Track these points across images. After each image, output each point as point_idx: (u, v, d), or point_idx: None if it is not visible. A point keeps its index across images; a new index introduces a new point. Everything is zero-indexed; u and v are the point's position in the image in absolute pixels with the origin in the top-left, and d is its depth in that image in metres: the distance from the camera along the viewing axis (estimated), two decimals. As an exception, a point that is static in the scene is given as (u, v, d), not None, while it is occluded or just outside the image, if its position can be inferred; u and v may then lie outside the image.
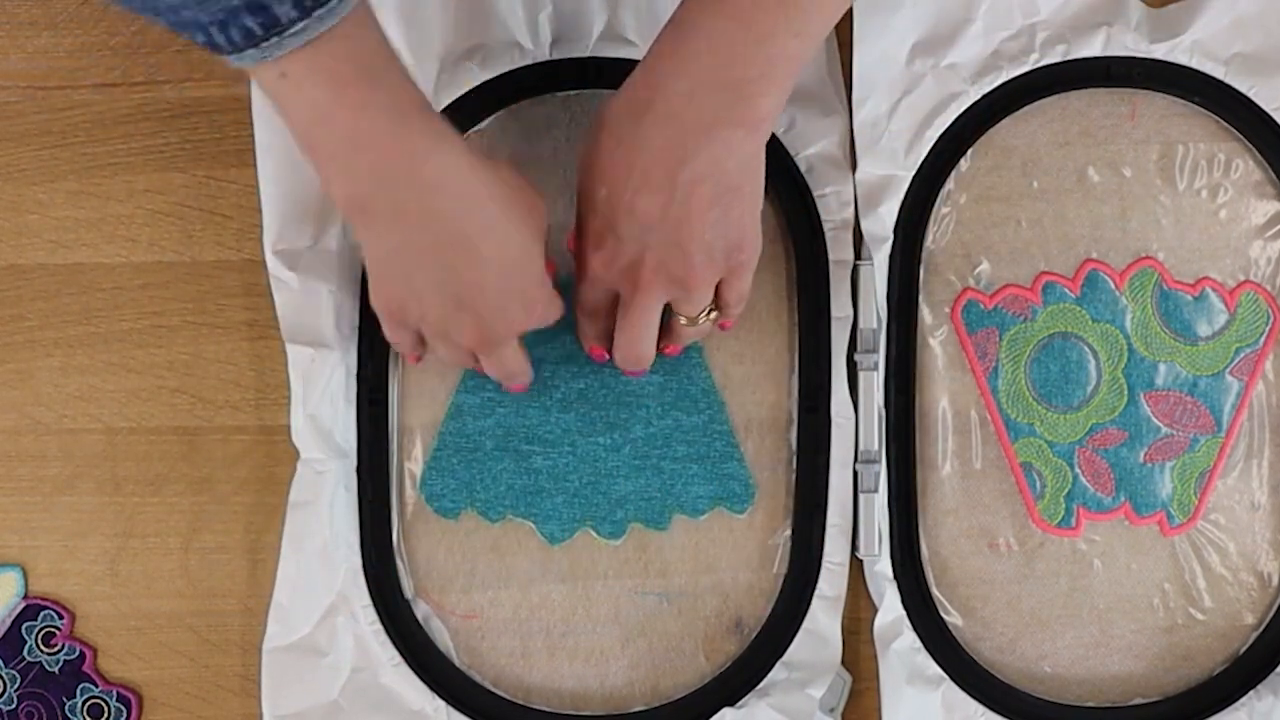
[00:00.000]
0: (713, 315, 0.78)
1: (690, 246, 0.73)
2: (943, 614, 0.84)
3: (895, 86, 0.83)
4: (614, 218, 0.73)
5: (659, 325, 0.78)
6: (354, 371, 0.84)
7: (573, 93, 0.84)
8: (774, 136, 0.83)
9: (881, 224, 0.84)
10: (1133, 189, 0.85)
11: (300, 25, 0.64)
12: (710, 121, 0.70)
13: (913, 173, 0.84)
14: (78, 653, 0.85)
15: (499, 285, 0.73)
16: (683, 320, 0.78)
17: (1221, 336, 0.85)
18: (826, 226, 0.84)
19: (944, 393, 0.85)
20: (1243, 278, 0.85)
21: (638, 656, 0.85)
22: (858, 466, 0.84)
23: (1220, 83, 0.84)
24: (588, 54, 0.83)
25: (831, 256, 0.84)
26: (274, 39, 0.64)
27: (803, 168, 0.84)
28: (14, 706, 0.85)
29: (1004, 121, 0.84)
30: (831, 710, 0.84)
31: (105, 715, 0.85)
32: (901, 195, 0.84)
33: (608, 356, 0.81)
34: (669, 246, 0.73)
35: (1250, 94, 0.84)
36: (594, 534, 0.85)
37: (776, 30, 0.68)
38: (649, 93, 0.71)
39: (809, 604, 0.83)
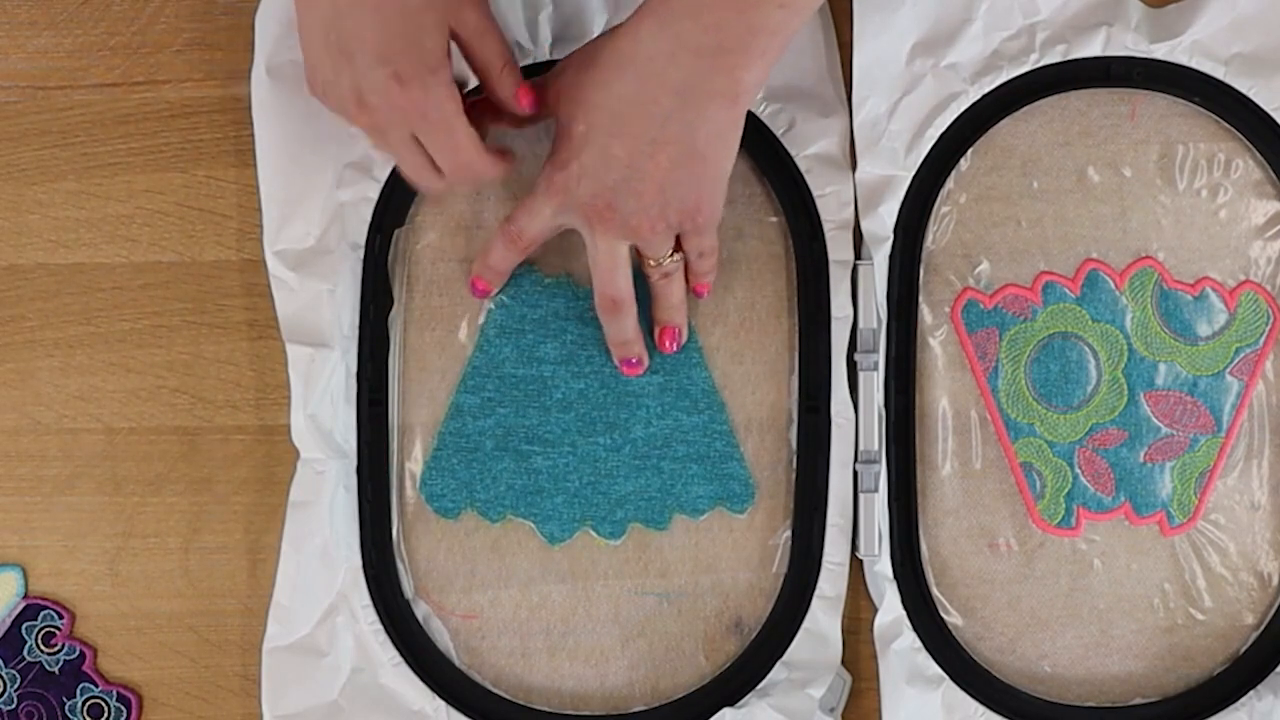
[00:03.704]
0: (676, 258, 0.80)
1: (646, 199, 0.74)
2: (943, 614, 0.84)
3: (895, 86, 0.83)
4: (586, 150, 0.74)
5: (631, 273, 0.79)
6: (354, 371, 0.84)
7: (573, 93, 0.84)
8: (774, 136, 0.83)
9: (881, 224, 0.84)
10: (1133, 189, 0.85)
11: None
12: (688, 86, 0.71)
13: (913, 173, 0.84)
14: (78, 653, 0.85)
15: (375, 41, 0.71)
16: (651, 263, 0.79)
17: (1221, 336, 0.85)
18: (826, 226, 0.84)
19: (944, 393, 0.85)
20: (1243, 278, 0.85)
21: (638, 656, 0.85)
22: (858, 466, 0.84)
23: (1220, 83, 0.84)
24: (588, 54, 0.83)
25: (831, 256, 0.84)
26: None
27: (803, 168, 0.84)
28: (14, 706, 0.85)
29: (1004, 121, 0.84)
30: (831, 710, 0.84)
31: (105, 715, 0.85)
32: (901, 195, 0.84)
33: (485, 291, 0.83)
34: (627, 195, 0.74)
35: (1250, 94, 0.84)
36: (594, 534, 0.85)
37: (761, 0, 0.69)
38: (633, 47, 0.72)
39: (809, 604, 0.83)
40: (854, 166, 0.84)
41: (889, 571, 0.83)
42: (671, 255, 0.80)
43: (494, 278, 0.83)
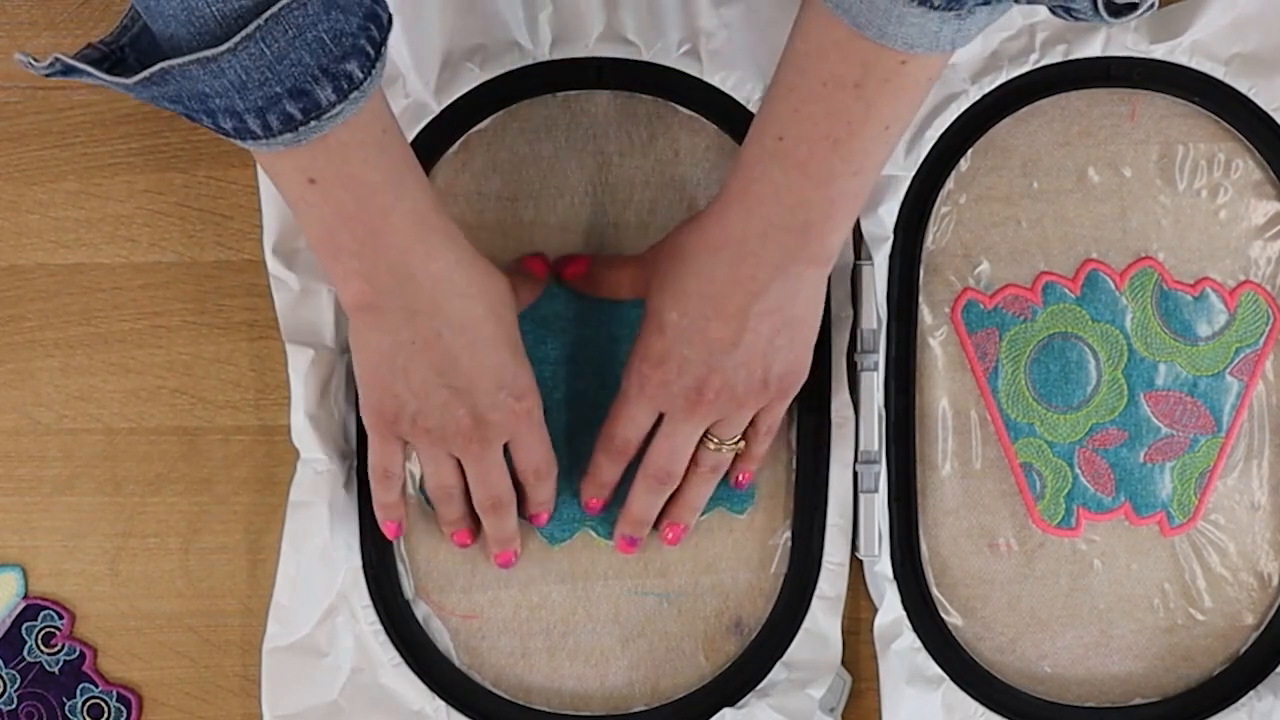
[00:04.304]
0: (739, 444, 0.80)
1: (756, 369, 0.75)
2: (943, 614, 0.84)
3: (895, 86, 0.83)
4: (684, 341, 0.75)
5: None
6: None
7: (573, 93, 0.84)
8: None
9: (881, 224, 0.84)
10: (1133, 189, 0.85)
11: (337, 109, 0.65)
12: (781, 260, 0.72)
13: (913, 173, 0.84)
14: (78, 653, 0.85)
15: (495, 370, 0.75)
16: (711, 445, 0.79)
17: (1221, 337, 0.85)
18: (826, 226, 0.84)
19: (944, 393, 0.85)
20: (1243, 278, 0.85)
21: (638, 656, 0.85)
22: (858, 466, 0.84)
23: (1220, 83, 0.84)
24: (588, 54, 0.83)
25: (831, 256, 0.84)
26: (312, 123, 0.65)
27: (803, 168, 0.84)
28: (14, 707, 0.85)
29: (1004, 121, 0.84)
30: (831, 710, 0.84)
31: (105, 715, 0.85)
32: (901, 195, 0.84)
33: (600, 509, 0.83)
34: (737, 368, 0.75)
35: (1250, 94, 0.84)
36: (594, 534, 0.84)
37: (835, 173, 0.70)
38: (722, 233, 0.73)
39: (809, 604, 0.83)
40: (854, 166, 0.84)
41: (889, 571, 0.83)
42: (737, 440, 0.80)
43: (605, 490, 0.83)
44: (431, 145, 0.83)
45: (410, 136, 0.83)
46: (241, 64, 0.62)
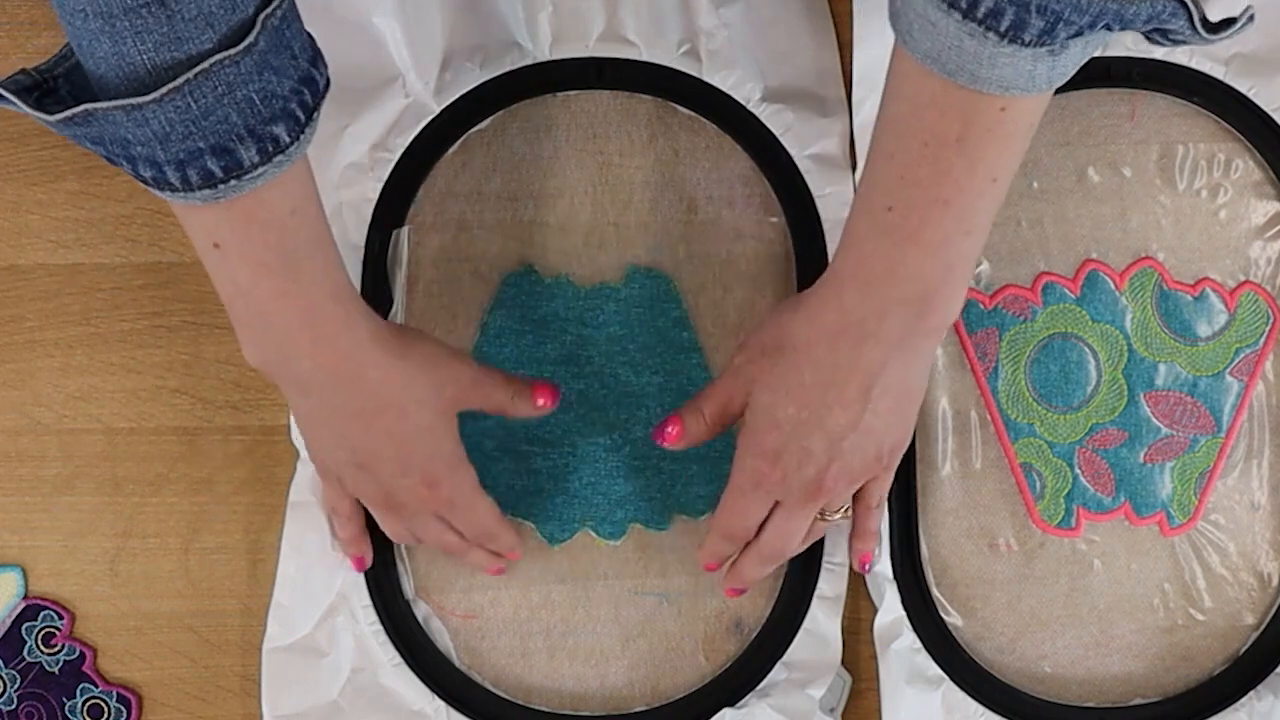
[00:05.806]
0: (846, 511, 0.80)
1: (870, 448, 0.74)
2: (943, 614, 0.84)
3: (895, 87, 0.83)
4: (803, 434, 0.73)
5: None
6: (354, 371, 0.83)
7: (573, 93, 0.84)
8: (774, 137, 0.84)
9: (882, 224, 0.83)
10: (1133, 189, 0.85)
11: (259, 170, 0.64)
12: (902, 335, 0.71)
13: (913, 173, 0.84)
14: (78, 653, 0.85)
15: (394, 459, 0.75)
16: (823, 520, 0.79)
17: (1221, 337, 0.85)
18: (826, 226, 0.84)
19: (944, 393, 0.85)
20: (1243, 278, 0.85)
21: (638, 656, 0.85)
22: (858, 467, 0.84)
23: (1220, 83, 0.84)
24: (588, 54, 0.83)
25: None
26: (232, 182, 0.64)
27: (803, 168, 0.84)
28: (14, 707, 0.85)
29: (1004, 121, 0.84)
30: (831, 710, 0.84)
31: (105, 715, 0.85)
32: (901, 195, 0.84)
33: (718, 570, 0.83)
34: (854, 452, 0.74)
35: (1250, 94, 0.84)
36: (594, 534, 0.84)
37: (949, 236, 0.68)
38: (840, 318, 0.71)
39: (809, 604, 0.83)
40: (854, 166, 0.84)
41: (889, 571, 0.83)
42: (845, 509, 0.80)
43: (722, 560, 0.82)
44: (431, 145, 0.84)
45: (410, 136, 0.83)
46: (166, 115, 0.61)
